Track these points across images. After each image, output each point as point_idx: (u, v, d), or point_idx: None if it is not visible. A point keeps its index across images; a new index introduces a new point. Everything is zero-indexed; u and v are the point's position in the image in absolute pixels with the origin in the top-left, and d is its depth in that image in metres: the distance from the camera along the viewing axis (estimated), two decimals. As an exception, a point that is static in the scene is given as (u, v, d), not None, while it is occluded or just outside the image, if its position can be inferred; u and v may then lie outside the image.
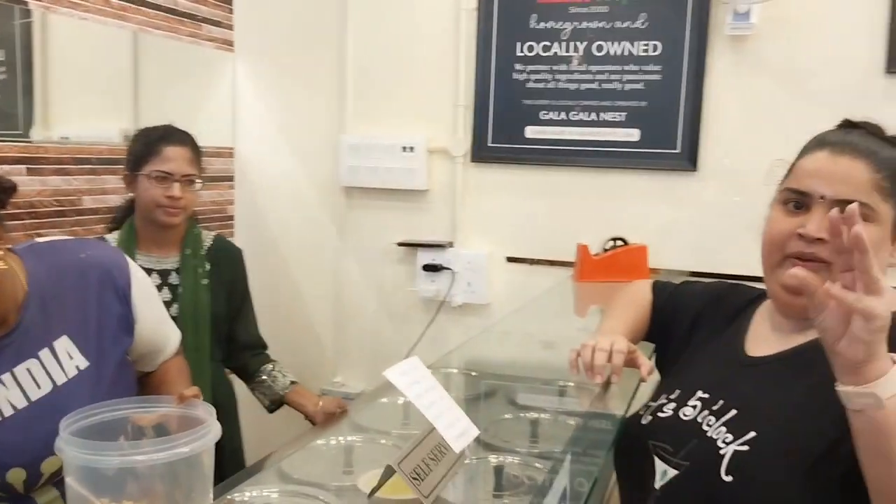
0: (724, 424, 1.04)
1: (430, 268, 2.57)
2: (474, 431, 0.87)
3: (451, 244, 2.57)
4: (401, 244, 2.62)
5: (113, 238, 1.89)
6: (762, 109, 2.29)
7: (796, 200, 1.08)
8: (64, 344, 1.20)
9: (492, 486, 1.16)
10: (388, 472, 0.86)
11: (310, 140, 2.73)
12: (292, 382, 2.06)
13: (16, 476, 1.15)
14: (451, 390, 1.00)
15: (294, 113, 2.73)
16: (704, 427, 1.06)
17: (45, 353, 1.17)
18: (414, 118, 2.60)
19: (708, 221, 2.35)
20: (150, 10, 2.26)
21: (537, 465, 1.23)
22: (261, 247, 2.72)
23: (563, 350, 1.27)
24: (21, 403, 1.15)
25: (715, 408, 1.08)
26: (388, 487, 1.01)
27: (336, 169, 2.68)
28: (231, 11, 2.62)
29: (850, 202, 1.01)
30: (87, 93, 2.14)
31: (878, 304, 0.82)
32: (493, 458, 1.25)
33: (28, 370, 1.15)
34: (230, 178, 2.70)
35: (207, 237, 2.02)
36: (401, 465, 0.81)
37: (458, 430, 0.85)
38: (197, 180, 1.89)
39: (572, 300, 2.21)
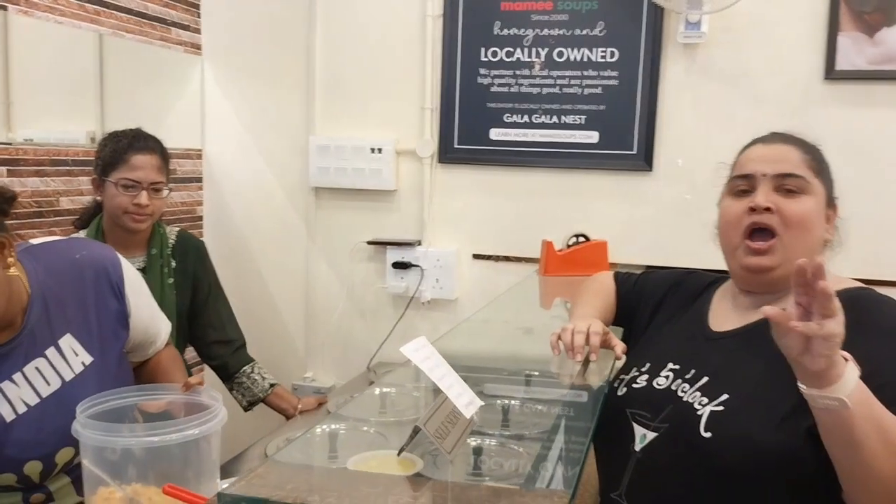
0: (698, 390, 1.16)
1: (400, 265, 2.63)
2: (479, 402, 0.97)
3: (419, 242, 2.64)
4: (370, 242, 2.68)
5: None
6: (712, 113, 2.42)
7: (742, 186, 1.22)
8: (68, 342, 1.25)
9: (472, 464, 1.24)
10: (415, 431, 0.96)
11: (279, 141, 2.77)
12: (271, 385, 2.14)
13: (32, 468, 1.20)
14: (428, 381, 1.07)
15: (263, 115, 2.77)
16: (679, 393, 1.18)
17: (51, 352, 1.23)
18: (382, 120, 2.67)
19: (663, 218, 2.48)
20: (123, 14, 2.29)
21: (513, 446, 1.31)
22: (230, 247, 2.75)
23: (538, 339, 1.36)
24: (33, 400, 1.20)
25: (687, 377, 1.20)
26: (377, 466, 1.10)
27: (306, 170, 2.73)
28: (199, 16, 2.66)
29: (789, 175, 1.16)
30: (51, 95, 2.14)
31: (836, 325, 0.93)
32: (473, 442, 1.33)
33: (37, 368, 1.21)
34: (199, 180, 2.73)
35: (171, 233, 2.05)
36: (426, 426, 0.90)
37: (466, 399, 0.94)
38: (164, 187, 1.92)
39: (538, 293, 2.30)
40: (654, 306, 1.46)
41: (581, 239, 2.45)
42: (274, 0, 2.72)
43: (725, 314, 1.29)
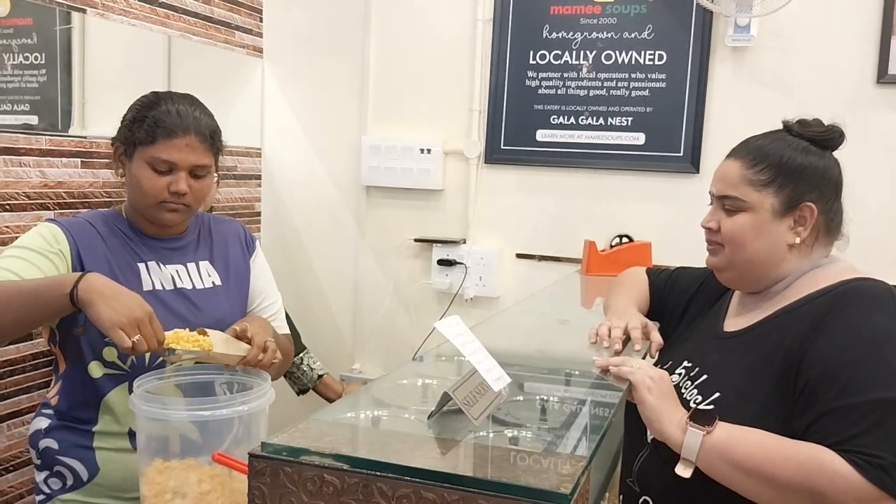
0: (696, 387, 1.23)
1: (444, 262, 2.70)
2: (507, 378, 1.03)
3: (464, 240, 2.71)
4: (417, 240, 2.76)
5: None
6: (760, 116, 2.39)
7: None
8: (205, 266, 1.59)
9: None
10: (445, 399, 1.02)
11: (333, 141, 2.88)
12: (319, 376, 2.37)
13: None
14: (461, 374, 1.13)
15: (318, 115, 2.88)
16: (682, 390, 1.24)
17: (191, 266, 1.58)
18: (431, 121, 2.74)
19: (708, 221, 2.48)
20: (190, 18, 2.43)
21: (548, 438, 1.36)
22: (286, 241, 2.88)
23: (574, 335, 1.40)
24: (169, 287, 1.53)
25: (692, 374, 1.26)
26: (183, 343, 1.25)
27: (357, 168, 2.82)
28: (261, 20, 2.79)
29: (724, 196, 1.28)
30: (122, 93, 2.27)
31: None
32: (508, 432, 1.38)
33: (176, 270, 1.55)
34: (258, 177, 2.86)
35: None
36: (455, 392, 0.96)
37: (495, 375, 1.00)
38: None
39: (579, 291, 2.33)
40: (686, 303, 1.50)
41: (624, 240, 2.48)
42: (331, 6, 2.83)
43: (736, 314, 1.33)
